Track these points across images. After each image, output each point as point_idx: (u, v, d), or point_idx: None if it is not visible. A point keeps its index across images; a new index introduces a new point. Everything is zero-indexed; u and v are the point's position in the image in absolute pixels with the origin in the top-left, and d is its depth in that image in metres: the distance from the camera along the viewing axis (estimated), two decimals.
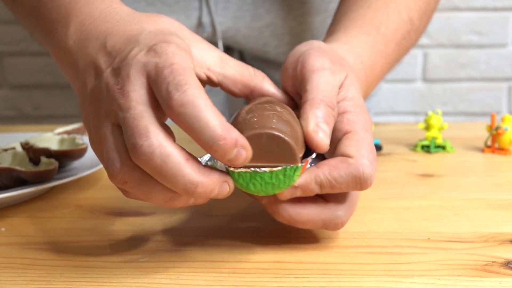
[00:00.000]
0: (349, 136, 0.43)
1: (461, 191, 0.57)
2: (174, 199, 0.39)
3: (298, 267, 0.41)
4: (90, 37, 0.44)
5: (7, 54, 1.45)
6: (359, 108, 0.45)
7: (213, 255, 0.43)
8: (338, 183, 0.41)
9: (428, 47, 1.41)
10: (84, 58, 0.44)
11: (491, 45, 1.41)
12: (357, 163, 0.41)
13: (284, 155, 0.38)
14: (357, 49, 0.55)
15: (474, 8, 1.39)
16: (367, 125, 0.44)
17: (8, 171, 0.54)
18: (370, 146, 0.43)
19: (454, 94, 1.44)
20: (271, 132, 0.38)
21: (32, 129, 0.90)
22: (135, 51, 0.40)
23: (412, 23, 0.63)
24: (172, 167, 0.36)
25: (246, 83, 0.45)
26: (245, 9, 0.88)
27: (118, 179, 0.38)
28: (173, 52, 0.39)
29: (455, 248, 0.43)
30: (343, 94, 0.45)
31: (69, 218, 0.53)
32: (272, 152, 0.38)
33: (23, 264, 0.43)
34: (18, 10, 0.55)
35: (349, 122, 0.44)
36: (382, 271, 0.40)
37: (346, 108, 0.45)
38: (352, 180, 0.41)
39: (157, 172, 0.37)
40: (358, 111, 0.45)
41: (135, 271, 0.41)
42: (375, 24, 0.59)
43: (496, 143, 0.71)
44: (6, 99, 1.49)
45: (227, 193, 0.39)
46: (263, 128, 0.38)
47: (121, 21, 0.44)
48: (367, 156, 0.42)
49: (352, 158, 0.41)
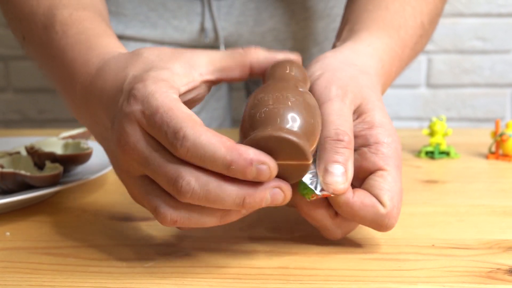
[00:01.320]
0: (384, 175, 0.43)
1: (466, 198, 0.57)
2: (225, 216, 0.39)
3: (303, 273, 0.41)
4: (92, 97, 0.46)
5: (12, 57, 1.46)
6: (391, 137, 0.44)
7: (217, 261, 0.43)
8: (360, 219, 0.42)
9: (432, 53, 1.41)
10: (91, 118, 0.46)
11: (495, 51, 1.41)
12: (388, 215, 0.42)
13: (296, 154, 0.38)
14: (379, 53, 0.54)
15: (478, 14, 1.39)
16: (400, 160, 0.44)
17: (13, 176, 0.54)
18: (401, 191, 0.43)
19: (458, 100, 1.44)
20: (277, 134, 0.37)
21: (37, 133, 0.90)
22: (120, 102, 0.41)
23: (424, 28, 0.63)
24: (215, 191, 0.37)
25: (242, 65, 0.45)
26: (248, 14, 0.88)
27: (168, 222, 0.39)
28: (152, 92, 0.39)
29: (460, 255, 0.43)
30: (370, 120, 0.44)
31: (74, 222, 0.53)
32: (283, 151, 0.37)
33: (28, 269, 0.43)
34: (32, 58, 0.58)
35: (384, 158, 0.43)
36: (386, 277, 0.40)
37: (379, 138, 0.43)
38: (375, 225, 0.42)
39: (204, 201, 0.38)
40: (390, 141, 0.44)
41: (140, 276, 0.41)
42: (395, 28, 0.58)
43: (500, 150, 0.71)
44: (11, 102, 1.50)
45: (283, 199, 0.38)
46: (270, 129, 0.37)
47: (112, 73, 0.45)
48: (397, 206, 0.42)
49: (384, 208, 0.42)
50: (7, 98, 1.50)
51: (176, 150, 0.37)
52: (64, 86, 0.51)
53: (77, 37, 0.50)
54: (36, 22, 0.55)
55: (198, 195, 0.37)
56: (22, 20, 0.58)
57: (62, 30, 0.51)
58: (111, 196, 0.60)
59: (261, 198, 0.38)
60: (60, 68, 0.51)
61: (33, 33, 0.55)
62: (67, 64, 0.50)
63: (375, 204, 0.42)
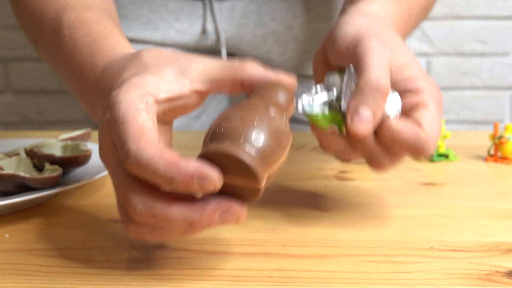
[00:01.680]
0: (424, 109, 0.46)
1: (464, 200, 0.57)
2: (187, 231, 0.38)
3: (301, 275, 0.41)
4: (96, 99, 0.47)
5: (12, 59, 1.46)
6: (431, 84, 0.47)
7: (215, 263, 0.43)
8: (400, 143, 0.45)
9: (431, 55, 1.41)
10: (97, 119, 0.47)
11: (494, 53, 1.41)
12: (427, 139, 0.45)
13: (247, 174, 0.36)
14: (392, 16, 0.56)
15: (478, 17, 1.39)
16: (440, 102, 0.47)
17: (12, 177, 0.54)
18: (439, 124, 0.46)
19: (457, 102, 1.44)
20: (228, 151, 0.36)
21: (36, 134, 0.90)
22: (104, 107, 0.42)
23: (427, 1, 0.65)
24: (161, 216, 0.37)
25: (234, 80, 0.43)
26: (250, 16, 0.88)
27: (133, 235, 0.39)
28: (119, 101, 0.39)
29: (458, 257, 0.44)
30: (411, 72, 0.47)
31: (73, 224, 0.53)
32: (236, 169, 0.36)
33: (28, 271, 0.43)
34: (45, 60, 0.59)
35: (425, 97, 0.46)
36: (385, 279, 0.40)
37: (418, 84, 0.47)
38: (414, 150, 0.45)
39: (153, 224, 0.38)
40: (429, 86, 0.47)
41: (138, 278, 0.41)
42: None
43: (499, 152, 0.71)
44: (10, 104, 1.50)
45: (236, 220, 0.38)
46: (224, 145, 0.37)
47: (112, 76, 0.45)
48: (436, 134, 0.45)
49: (423, 132, 0.45)
50: (6, 100, 1.50)
51: (125, 164, 0.37)
52: (76, 89, 0.51)
53: (84, 40, 0.51)
54: (45, 26, 0.55)
55: (146, 219, 0.37)
56: (32, 24, 0.58)
57: (69, 33, 0.52)
58: (110, 198, 0.60)
59: (209, 222, 0.37)
60: (70, 71, 0.52)
61: (44, 37, 0.56)
62: (76, 68, 0.50)
63: (415, 128, 0.45)
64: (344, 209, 0.55)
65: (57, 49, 0.53)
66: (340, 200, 0.58)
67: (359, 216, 0.53)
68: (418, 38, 1.40)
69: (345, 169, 0.68)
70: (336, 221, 0.51)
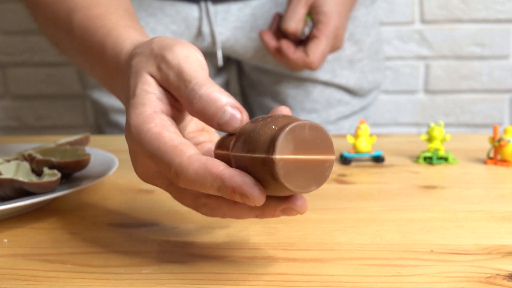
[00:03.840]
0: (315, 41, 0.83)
1: (464, 203, 0.57)
2: None
3: (301, 279, 0.41)
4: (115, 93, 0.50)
5: (10, 64, 1.46)
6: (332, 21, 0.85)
7: (215, 267, 0.43)
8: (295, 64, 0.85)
9: (430, 59, 1.41)
10: None
11: (493, 56, 1.41)
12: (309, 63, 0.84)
13: (324, 146, 0.36)
14: None
15: (476, 20, 1.39)
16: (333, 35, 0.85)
17: (10, 182, 0.54)
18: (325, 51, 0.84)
19: (456, 105, 1.44)
20: (312, 122, 0.36)
21: (35, 139, 0.90)
22: None
23: None
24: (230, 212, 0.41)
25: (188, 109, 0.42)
26: (244, 20, 0.90)
27: None
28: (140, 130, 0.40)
29: (458, 261, 0.43)
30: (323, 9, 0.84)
31: (72, 229, 0.53)
32: (314, 143, 0.36)
33: (26, 276, 0.43)
34: None
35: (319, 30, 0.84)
36: (385, 283, 0.40)
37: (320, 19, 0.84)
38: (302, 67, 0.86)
39: None
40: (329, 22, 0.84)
41: (137, 283, 0.41)
42: None
43: (498, 155, 0.71)
44: (9, 109, 1.50)
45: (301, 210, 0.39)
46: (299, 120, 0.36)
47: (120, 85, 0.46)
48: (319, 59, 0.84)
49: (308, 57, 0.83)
50: (4, 105, 1.50)
51: (177, 184, 0.39)
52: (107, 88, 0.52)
53: (93, 39, 0.51)
54: (60, 29, 0.55)
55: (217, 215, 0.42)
56: (49, 27, 0.59)
57: (80, 34, 0.52)
58: (109, 203, 0.60)
59: (272, 216, 0.40)
60: (92, 71, 0.53)
61: (61, 40, 0.57)
62: (91, 68, 0.52)
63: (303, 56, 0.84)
64: (344, 212, 0.55)
65: (75, 51, 0.54)
66: (339, 203, 0.58)
67: (359, 220, 0.52)
68: (417, 41, 1.40)
69: (344, 172, 0.68)
70: (336, 225, 0.51)
